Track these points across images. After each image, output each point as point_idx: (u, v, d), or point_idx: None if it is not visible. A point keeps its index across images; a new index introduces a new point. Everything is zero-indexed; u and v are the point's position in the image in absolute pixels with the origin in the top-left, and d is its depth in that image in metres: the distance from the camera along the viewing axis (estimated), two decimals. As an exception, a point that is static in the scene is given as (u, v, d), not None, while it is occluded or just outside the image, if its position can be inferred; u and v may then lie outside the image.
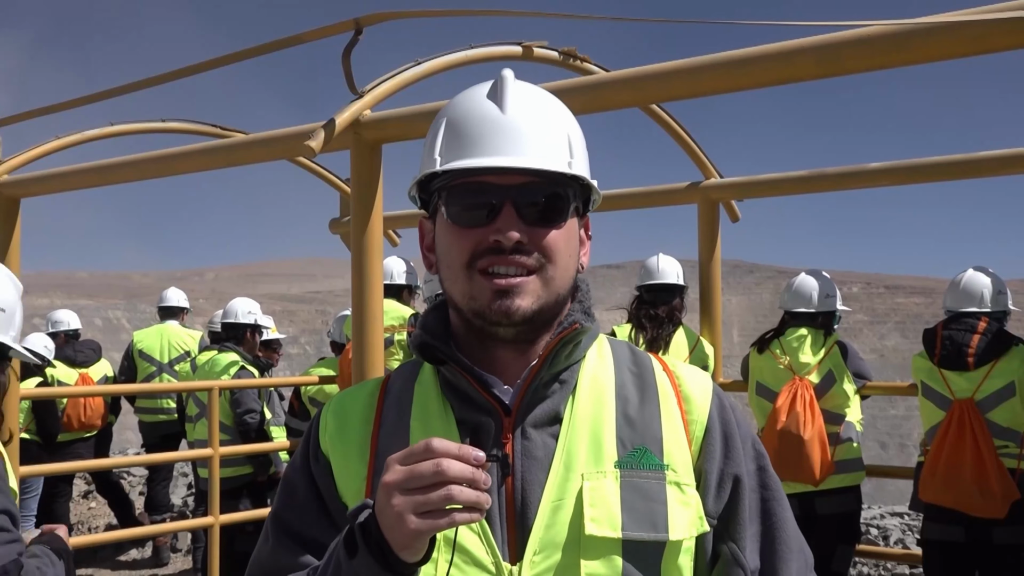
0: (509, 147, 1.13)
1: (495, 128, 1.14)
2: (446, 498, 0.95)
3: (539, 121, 1.16)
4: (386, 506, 0.97)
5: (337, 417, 1.23)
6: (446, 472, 0.95)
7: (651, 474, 1.14)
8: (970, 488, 3.89)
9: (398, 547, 0.98)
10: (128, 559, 7.40)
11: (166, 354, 7.43)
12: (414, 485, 0.96)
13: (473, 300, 1.14)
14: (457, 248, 1.14)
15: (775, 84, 3.07)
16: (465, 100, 1.19)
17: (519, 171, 1.13)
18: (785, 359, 4.57)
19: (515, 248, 1.12)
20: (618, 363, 1.24)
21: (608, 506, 1.11)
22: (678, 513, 1.13)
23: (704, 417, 1.20)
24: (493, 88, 1.18)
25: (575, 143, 1.18)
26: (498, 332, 1.15)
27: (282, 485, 1.24)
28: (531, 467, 1.13)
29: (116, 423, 7.44)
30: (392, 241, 6.42)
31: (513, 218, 1.12)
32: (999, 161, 4.47)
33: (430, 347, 1.19)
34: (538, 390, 1.16)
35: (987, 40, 2.56)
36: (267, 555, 1.19)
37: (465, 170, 1.14)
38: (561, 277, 1.16)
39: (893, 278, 77.27)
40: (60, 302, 52.51)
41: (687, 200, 5.28)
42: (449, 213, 1.16)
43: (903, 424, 48.87)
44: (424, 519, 0.95)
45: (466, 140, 1.15)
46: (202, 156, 4.32)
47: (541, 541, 1.10)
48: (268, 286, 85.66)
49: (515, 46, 3.99)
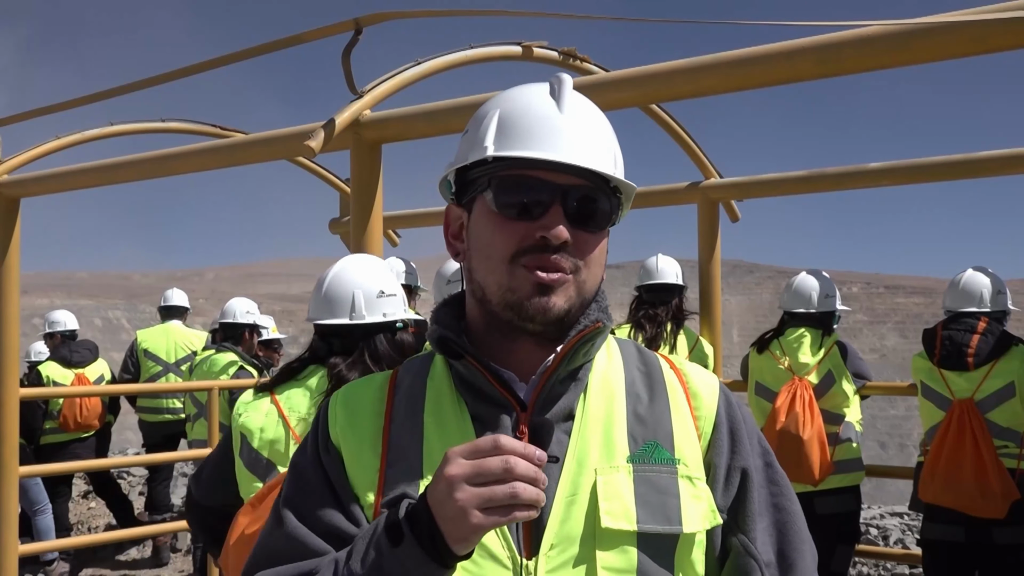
0: (567, 146, 1.14)
1: (554, 125, 1.15)
2: (512, 495, 0.96)
3: (593, 127, 1.18)
4: (448, 499, 0.97)
5: (347, 409, 1.23)
6: (514, 469, 0.96)
7: (663, 468, 1.15)
8: (970, 488, 3.89)
9: (454, 539, 0.98)
10: (128, 559, 7.40)
11: (173, 354, 7.42)
12: (482, 480, 0.97)
13: (511, 292, 1.14)
14: (501, 240, 1.14)
15: (775, 84, 3.07)
16: (522, 95, 1.20)
17: (571, 170, 1.14)
18: (785, 359, 4.58)
19: (559, 248, 1.13)
20: (627, 362, 1.25)
21: (622, 500, 1.12)
22: (690, 506, 1.14)
23: (712, 413, 1.22)
24: (553, 88, 1.19)
25: (618, 156, 1.21)
26: (528, 327, 1.16)
27: (292, 473, 1.24)
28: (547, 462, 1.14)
29: (116, 423, 7.44)
30: (392, 241, 6.41)
31: (561, 217, 1.13)
32: (1000, 161, 4.47)
33: (448, 341, 1.19)
34: (554, 386, 1.17)
35: (987, 40, 2.56)
36: (278, 540, 1.18)
37: (518, 162, 1.14)
38: (592, 282, 1.18)
39: (893, 278, 77.27)
40: (60, 302, 52.47)
41: (687, 200, 5.29)
42: (497, 203, 1.15)
43: (903, 424, 48.87)
44: (489, 515, 0.96)
45: (524, 133, 1.15)
46: (202, 156, 4.32)
47: (557, 535, 1.11)
48: (268, 286, 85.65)
49: (515, 46, 3.99)
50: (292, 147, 4.01)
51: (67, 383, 6.99)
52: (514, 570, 1.10)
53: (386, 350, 2.55)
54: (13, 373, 4.68)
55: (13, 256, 4.64)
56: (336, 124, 3.46)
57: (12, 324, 4.64)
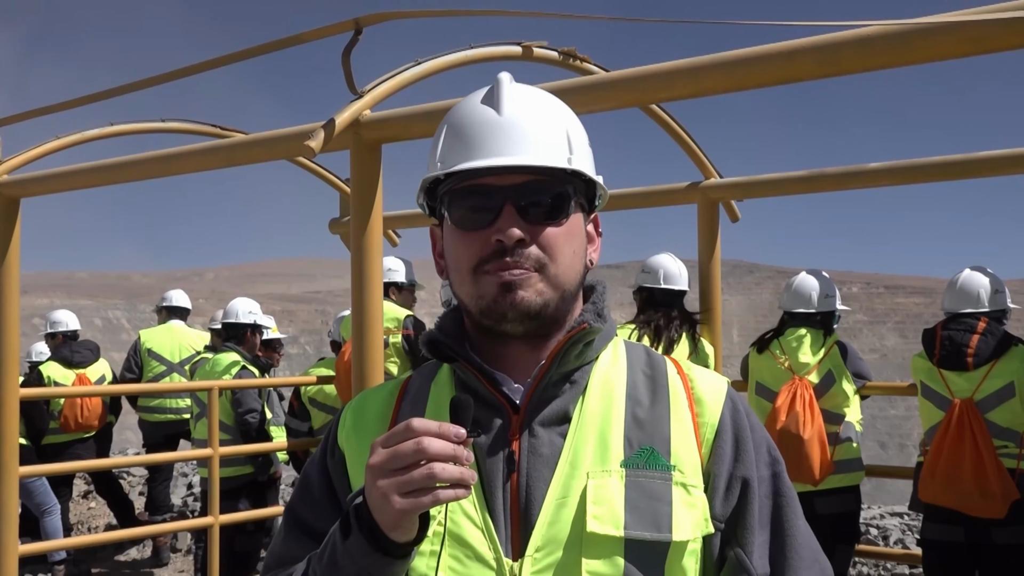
0: (506, 148, 1.14)
1: (491, 130, 1.15)
2: (428, 476, 0.96)
3: (536, 120, 1.17)
4: (372, 488, 0.99)
5: (356, 414, 1.25)
6: (427, 450, 0.97)
7: (657, 474, 1.14)
8: (970, 488, 3.89)
9: (387, 527, 1.00)
10: (128, 559, 7.40)
11: (177, 354, 7.42)
12: (397, 465, 0.98)
13: (481, 299, 1.15)
14: (464, 252, 1.16)
15: (775, 84, 3.07)
16: (464, 105, 1.20)
17: (517, 170, 1.14)
18: (785, 359, 4.57)
19: (517, 247, 1.13)
20: (632, 365, 1.24)
21: (611, 504, 1.11)
22: (683, 514, 1.12)
23: (715, 420, 1.20)
24: (489, 92, 1.19)
25: (575, 140, 1.19)
26: (507, 328, 1.16)
27: (300, 480, 1.27)
28: (536, 464, 1.14)
29: (116, 423, 7.44)
30: (392, 241, 6.41)
31: (514, 217, 1.13)
32: (1000, 161, 4.46)
33: (440, 345, 1.20)
34: (547, 389, 1.17)
35: (987, 40, 2.56)
36: (279, 546, 1.22)
37: (466, 174, 1.15)
38: (565, 274, 1.16)
39: (893, 278, 77.28)
40: (60, 302, 52.46)
41: (687, 200, 5.28)
42: (452, 218, 1.17)
43: (903, 424, 48.88)
44: (407, 498, 0.97)
45: (465, 144, 1.16)
46: (202, 156, 4.32)
47: (543, 537, 1.10)
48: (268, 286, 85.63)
49: (515, 46, 3.99)
50: (292, 147, 4.01)
51: (68, 383, 6.99)
52: (498, 571, 1.09)
53: None
54: (13, 373, 4.68)
55: (13, 256, 4.64)
56: (336, 124, 3.46)
57: (12, 324, 4.64)
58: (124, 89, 4.16)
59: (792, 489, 1.25)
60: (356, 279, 3.76)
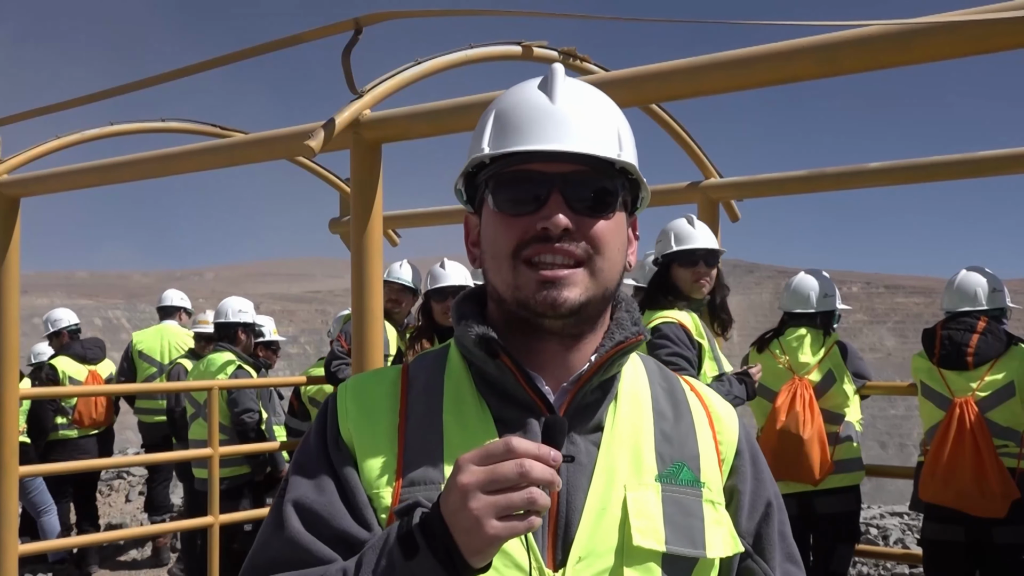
0: (558, 135, 1.11)
1: (544, 116, 1.13)
2: (529, 501, 0.91)
3: (589, 112, 1.15)
4: (461, 508, 0.93)
5: (359, 404, 1.17)
6: (530, 473, 0.92)
7: (689, 490, 1.14)
8: (970, 488, 3.89)
9: (470, 552, 0.93)
10: (128, 559, 7.40)
11: (166, 355, 7.42)
12: (496, 488, 0.92)
13: (518, 290, 1.12)
14: (503, 237, 1.12)
15: (775, 84, 3.07)
16: (515, 92, 1.18)
17: (568, 158, 1.11)
18: (784, 359, 4.57)
19: (562, 236, 1.10)
20: (651, 377, 1.23)
21: (652, 519, 1.10)
22: (713, 531, 1.13)
23: (734, 439, 1.22)
24: (544, 80, 1.17)
25: (624, 137, 1.17)
26: (544, 323, 1.13)
27: (296, 470, 1.15)
28: (576, 472, 1.11)
29: (116, 423, 7.44)
30: (392, 241, 6.41)
31: (561, 205, 1.10)
32: (999, 161, 4.47)
33: (490, 340, 1.13)
34: (586, 396, 1.15)
35: (987, 40, 2.56)
36: (280, 546, 1.09)
37: (513, 158, 1.12)
38: (609, 270, 1.14)
39: (893, 278, 77.29)
40: (60, 302, 52.40)
41: (687, 200, 5.28)
42: (496, 201, 1.14)
43: (903, 424, 48.88)
44: (505, 523, 0.92)
45: (515, 128, 1.13)
46: (202, 156, 4.32)
47: (585, 548, 1.08)
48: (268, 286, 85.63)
49: (515, 46, 3.99)
50: (292, 147, 4.01)
51: (82, 379, 7.00)
52: None
53: None
54: (13, 373, 4.68)
55: (13, 256, 4.64)
56: (336, 124, 3.47)
57: (12, 324, 4.64)
58: (124, 89, 4.16)
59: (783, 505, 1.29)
60: (356, 279, 3.76)
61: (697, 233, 3.80)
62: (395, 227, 6.35)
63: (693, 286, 3.76)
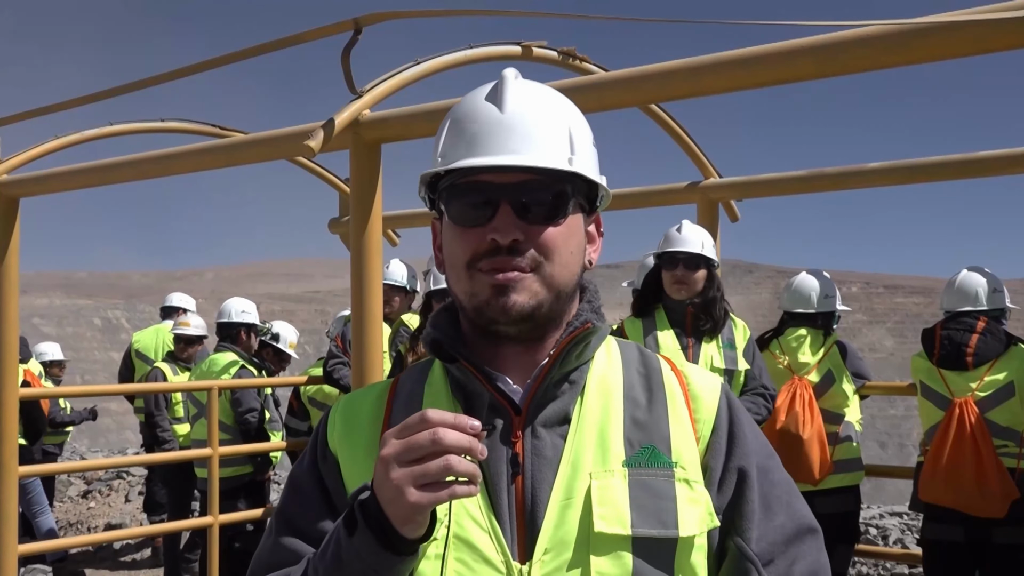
0: (506, 146, 1.13)
1: (493, 127, 1.15)
2: (445, 468, 0.95)
3: (538, 119, 1.16)
4: (384, 480, 0.97)
5: (345, 417, 1.23)
6: (443, 441, 0.95)
7: (660, 472, 1.14)
8: (970, 488, 3.89)
9: (398, 522, 0.98)
10: (128, 559, 7.40)
11: (159, 354, 7.42)
12: (412, 456, 0.96)
13: (474, 297, 1.15)
14: (459, 248, 1.15)
15: (775, 84, 3.08)
16: (467, 101, 1.20)
17: (515, 170, 1.13)
18: (784, 359, 4.57)
19: (511, 247, 1.12)
20: (626, 364, 1.24)
21: (616, 504, 1.11)
22: (687, 510, 1.13)
23: (712, 416, 1.21)
24: (493, 88, 1.18)
25: (578, 139, 1.18)
26: (500, 330, 1.16)
27: (288, 483, 1.24)
28: (541, 466, 1.13)
29: (115, 423, 7.43)
30: (391, 241, 6.41)
31: (510, 217, 1.12)
32: (999, 161, 4.47)
33: (441, 344, 1.19)
34: (548, 389, 1.17)
35: (987, 40, 2.56)
36: (270, 551, 1.19)
37: (465, 170, 1.14)
38: (561, 275, 1.16)
39: (893, 278, 77.28)
40: (60, 302, 52.44)
41: (687, 200, 5.28)
42: (450, 213, 1.17)
43: (902, 424, 48.88)
44: (424, 491, 0.95)
45: (465, 140, 1.15)
46: (202, 156, 4.32)
47: (551, 539, 1.10)
48: (268, 286, 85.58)
49: (514, 46, 3.99)
50: (292, 147, 4.01)
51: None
52: (507, 574, 1.09)
53: None
54: (13, 373, 4.68)
55: (13, 256, 4.64)
56: (336, 124, 3.47)
57: (12, 324, 4.64)
58: (124, 89, 4.16)
59: (785, 475, 1.25)
60: (355, 279, 3.76)
61: (680, 237, 3.88)
62: (395, 227, 6.35)
63: (671, 287, 3.89)
